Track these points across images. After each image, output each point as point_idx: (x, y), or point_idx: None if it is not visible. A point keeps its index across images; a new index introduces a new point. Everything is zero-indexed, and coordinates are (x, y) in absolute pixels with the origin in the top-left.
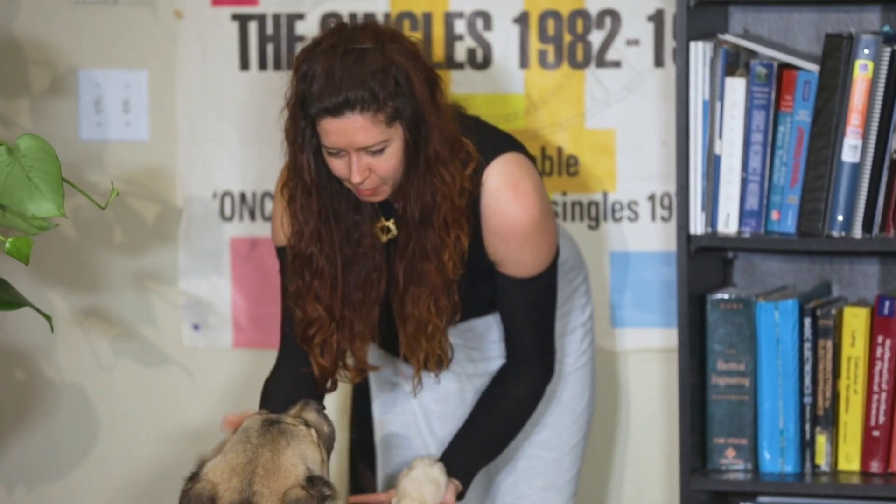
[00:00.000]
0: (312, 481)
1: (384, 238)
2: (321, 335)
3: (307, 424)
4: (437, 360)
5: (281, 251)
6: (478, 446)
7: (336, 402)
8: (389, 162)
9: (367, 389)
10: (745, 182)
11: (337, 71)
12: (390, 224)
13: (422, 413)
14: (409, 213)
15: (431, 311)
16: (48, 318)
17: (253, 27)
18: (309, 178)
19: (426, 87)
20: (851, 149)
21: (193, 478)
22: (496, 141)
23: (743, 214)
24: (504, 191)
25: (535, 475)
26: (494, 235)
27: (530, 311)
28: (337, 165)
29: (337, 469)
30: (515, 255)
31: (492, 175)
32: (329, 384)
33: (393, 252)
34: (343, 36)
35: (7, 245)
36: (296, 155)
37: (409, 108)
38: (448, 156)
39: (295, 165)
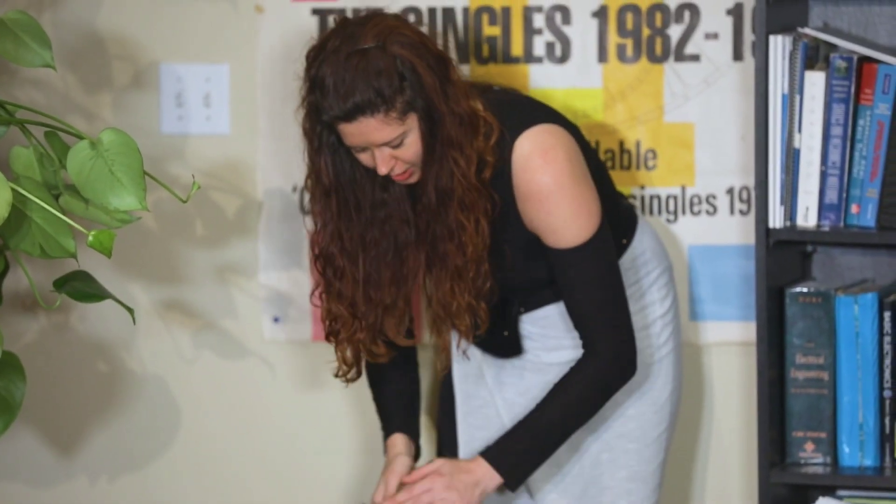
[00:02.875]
0: None
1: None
2: (345, 331)
3: None
4: (466, 334)
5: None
6: (529, 441)
7: (426, 392)
8: (411, 150)
9: (451, 385)
10: (824, 176)
11: (343, 78)
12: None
13: (505, 407)
14: (427, 198)
15: (454, 291)
16: (130, 310)
17: (331, 21)
18: (327, 180)
19: (433, 74)
20: None
21: None
22: (532, 112)
23: (822, 208)
24: (533, 157)
25: (618, 467)
26: (525, 202)
27: (588, 287)
28: (364, 158)
29: (425, 460)
30: (548, 222)
31: (522, 144)
32: (354, 373)
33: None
34: (346, 36)
35: (90, 238)
36: (313, 158)
37: (419, 98)
38: (463, 137)
39: (313, 168)
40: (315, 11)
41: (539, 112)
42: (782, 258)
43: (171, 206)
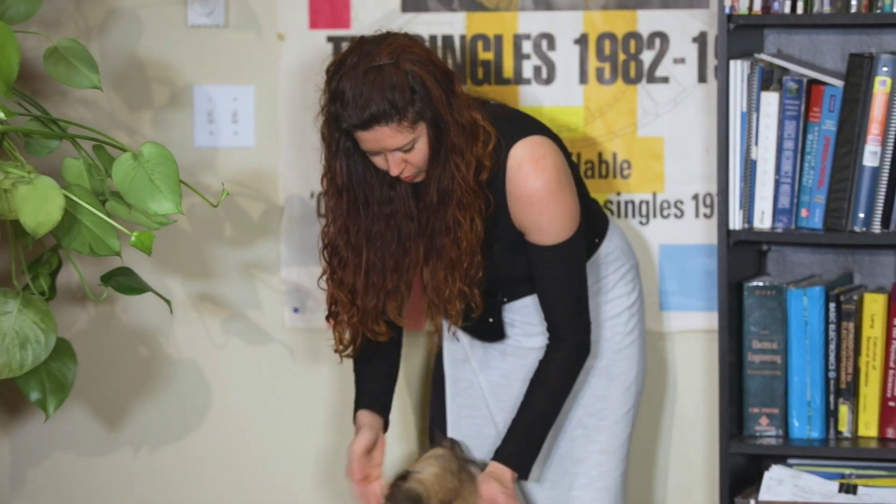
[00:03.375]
0: None
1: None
2: (344, 313)
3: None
4: (455, 319)
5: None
6: (527, 434)
7: (419, 375)
8: (420, 154)
9: (442, 368)
10: (777, 184)
11: (362, 91)
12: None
13: (489, 388)
14: (429, 197)
15: (447, 280)
16: (168, 302)
17: (345, 47)
18: (340, 181)
19: (440, 87)
20: (871, 154)
21: (405, 475)
22: (525, 124)
23: (776, 212)
24: (526, 164)
25: (590, 441)
26: (516, 203)
27: (559, 281)
28: (378, 161)
29: (419, 431)
30: (536, 222)
31: (516, 152)
32: (350, 351)
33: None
34: (363, 53)
35: (132, 238)
36: (330, 161)
37: (427, 109)
38: (464, 144)
39: (329, 169)
40: (329, 38)
41: (531, 124)
42: (741, 256)
43: (203, 211)
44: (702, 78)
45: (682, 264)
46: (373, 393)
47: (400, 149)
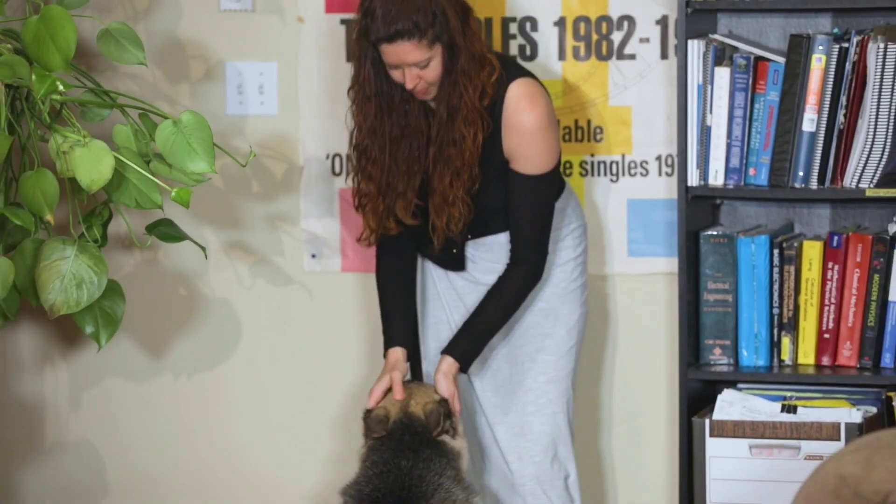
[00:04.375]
0: (442, 401)
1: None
2: (371, 205)
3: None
4: (456, 222)
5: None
6: (476, 335)
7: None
8: (433, 72)
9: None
10: (729, 147)
11: (390, 9)
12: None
13: (451, 303)
14: (439, 112)
15: (453, 185)
16: (203, 248)
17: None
18: (369, 88)
19: (458, 18)
20: (809, 121)
21: (369, 410)
22: (523, 70)
23: (728, 171)
24: (522, 99)
25: (538, 373)
26: (509, 133)
27: (531, 207)
28: (395, 75)
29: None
30: (524, 151)
31: (514, 88)
32: (373, 238)
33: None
34: None
35: (173, 194)
36: (359, 69)
37: (445, 34)
38: (473, 70)
39: (359, 77)
40: (342, 21)
41: (528, 72)
42: (697, 209)
43: (234, 170)
44: (664, 55)
45: (647, 216)
46: (398, 329)
47: (416, 64)
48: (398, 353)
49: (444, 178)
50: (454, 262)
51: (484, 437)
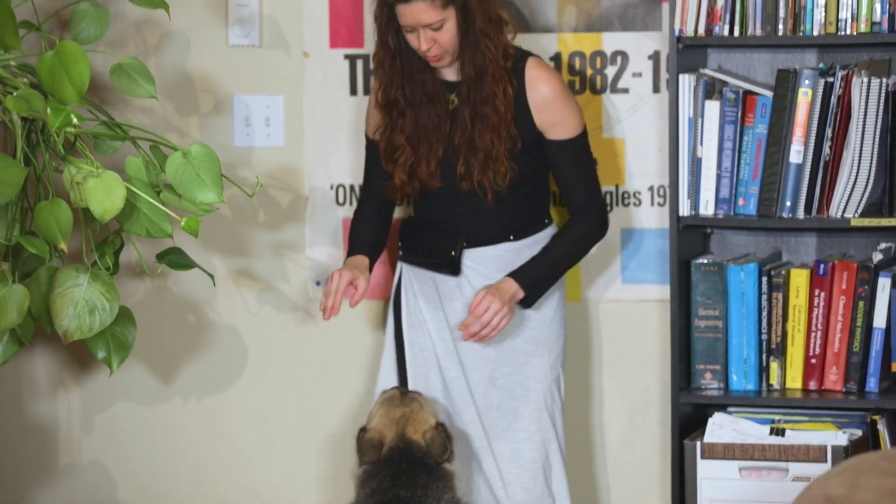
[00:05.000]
0: (440, 425)
1: (451, 108)
2: (403, 157)
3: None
4: (502, 177)
5: (370, 144)
6: (544, 268)
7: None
8: (447, 35)
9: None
10: (719, 177)
11: None
12: (453, 97)
13: (441, 347)
14: (467, 72)
15: (494, 141)
16: (211, 276)
17: (359, 63)
18: (394, 45)
19: None
20: (796, 153)
21: (364, 430)
22: (528, 52)
23: (718, 201)
24: (540, 73)
25: (529, 401)
26: (540, 108)
27: (581, 169)
28: (411, 39)
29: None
30: (560, 116)
31: (530, 65)
32: (400, 196)
33: (456, 115)
34: None
35: (182, 223)
36: (382, 33)
37: None
38: (492, 30)
39: (382, 41)
40: (346, 56)
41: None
42: (689, 238)
43: (241, 200)
44: (656, 89)
45: (640, 245)
46: (363, 245)
47: (430, 26)
48: (360, 259)
49: (485, 135)
50: (450, 266)
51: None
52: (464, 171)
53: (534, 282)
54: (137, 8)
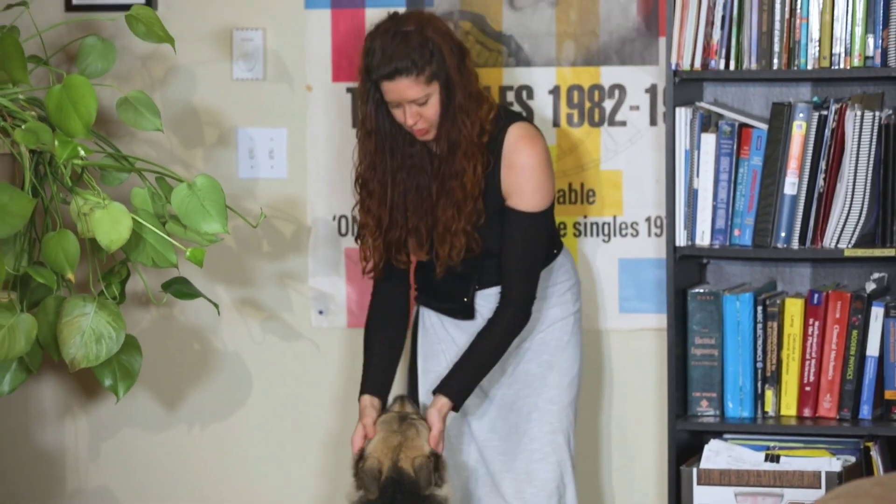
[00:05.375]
0: (431, 454)
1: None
2: (370, 237)
3: (421, 417)
4: (458, 252)
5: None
6: (468, 373)
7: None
8: (432, 109)
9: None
10: (715, 209)
11: (389, 48)
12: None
13: (454, 349)
14: (440, 146)
15: (455, 217)
16: (216, 305)
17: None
18: (369, 124)
19: (454, 56)
20: (791, 185)
21: (363, 456)
22: (522, 116)
23: (714, 231)
24: (521, 139)
25: (544, 423)
26: (508, 170)
27: (523, 245)
28: (397, 114)
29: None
30: (521, 187)
31: (514, 129)
32: (380, 270)
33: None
34: (394, 21)
35: (187, 253)
36: (362, 108)
37: (441, 72)
38: (471, 107)
39: (361, 116)
40: (348, 89)
41: (527, 118)
42: (685, 268)
43: (245, 231)
44: (653, 122)
45: (638, 274)
46: (376, 377)
47: (415, 101)
48: (366, 400)
49: (447, 210)
50: (464, 311)
51: (481, 489)
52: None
53: (459, 392)
54: (144, 42)
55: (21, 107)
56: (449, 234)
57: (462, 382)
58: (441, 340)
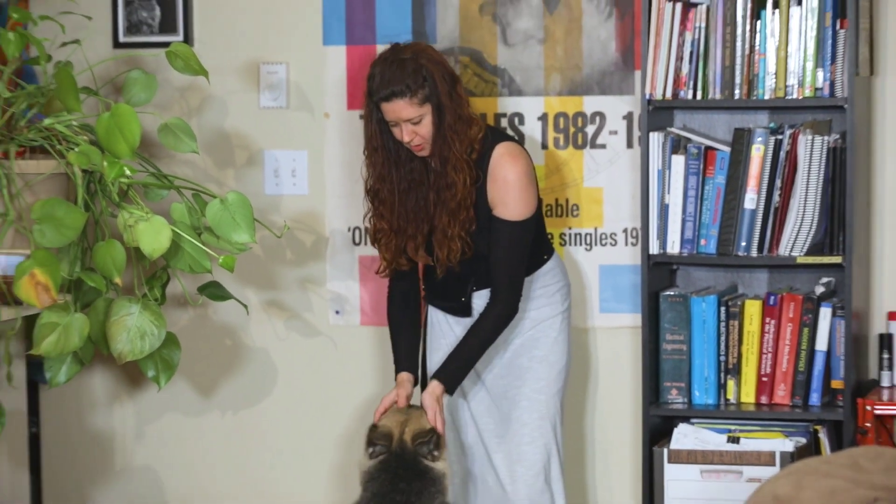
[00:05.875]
0: (432, 431)
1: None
2: (385, 240)
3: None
4: (455, 255)
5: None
6: (460, 362)
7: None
8: (426, 128)
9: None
10: (684, 221)
11: (387, 74)
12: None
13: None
14: (434, 163)
15: (450, 223)
16: (245, 306)
17: None
18: (376, 142)
19: (446, 82)
20: (750, 200)
21: (375, 426)
22: (509, 136)
23: (683, 241)
24: (505, 156)
25: (532, 411)
26: (493, 182)
27: (508, 249)
28: (395, 132)
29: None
30: (504, 199)
31: (499, 148)
32: (391, 270)
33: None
34: (394, 51)
35: (220, 260)
36: (368, 127)
37: (433, 95)
38: (460, 127)
39: (367, 134)
40: (361, 116)
41: (514, 138)
42: (657, 273)
43: (271, 241)
44: (629, 145)
45: (616, 279)
46: (407, 357)
47: (410, 120)
48: (405, 375)
49: (443, 217)
50: (462, 309)
51: (477, 466)
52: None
53: (451, 378)
54: (181, 75)
55: (74, 132)
56: (446, 238)
57: (454, 369)
58: (445, 335)
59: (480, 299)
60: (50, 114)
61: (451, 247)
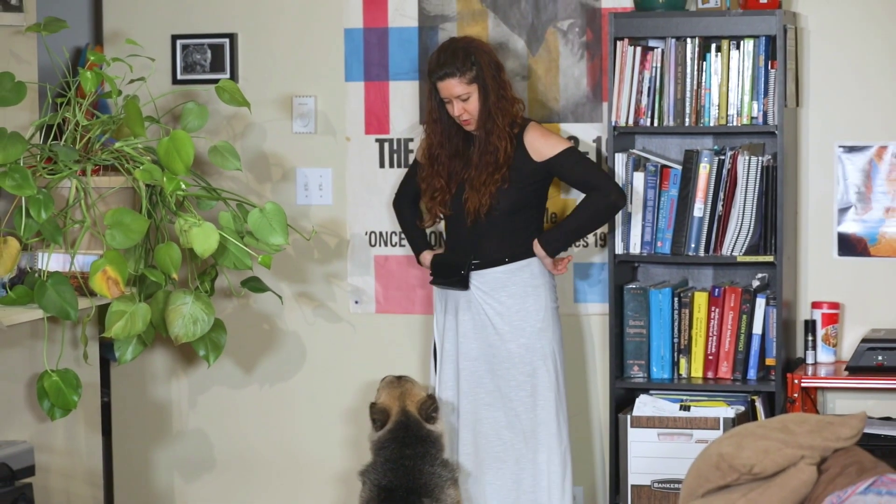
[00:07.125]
0: (429, 396)
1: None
2: (441, 196)
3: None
4: (484, 209)
5: (416, 163)
6: (563, 233)
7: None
8: (473, 105)
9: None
10: (643, 227)
11: (442, 58)
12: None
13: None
14: (480, 134)
15: (487, 180)
16: (280, 297)
17: (386, 145)
18: (435, 114)
19: (491, 69)
20: (698, 209)
21: (374, 404)
22: (530, 119)
23: (643, 243)
24: (532, 129)
25: (545, 409)
26: (532, 147)
27: (582, 163)
28: (448, 108)
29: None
30: (545, 143)
31: (528, 128)
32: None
33: (470, 162)
34: (451, 41)
35: (259, 259)
36: (428, 102)
37: (479, 77)
38: (503, 106)
39: (428, 108)
40: (377, 140)
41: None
42: (622, 269)
43: (301, 243)
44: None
45: (587, 274)
46: (421, 241)
47: (460, 97)
48: (425, 253)
49: (482, 174)
50: (461, 282)
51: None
52: (465, 199)
53: (553, 244)
54: (228, 106)
55: (140, 153)
56: (478, 193)
57: (556, 236)
58: (447, 325)
59: (476, 279)
60: (120, 138)
61: (482, 201)
